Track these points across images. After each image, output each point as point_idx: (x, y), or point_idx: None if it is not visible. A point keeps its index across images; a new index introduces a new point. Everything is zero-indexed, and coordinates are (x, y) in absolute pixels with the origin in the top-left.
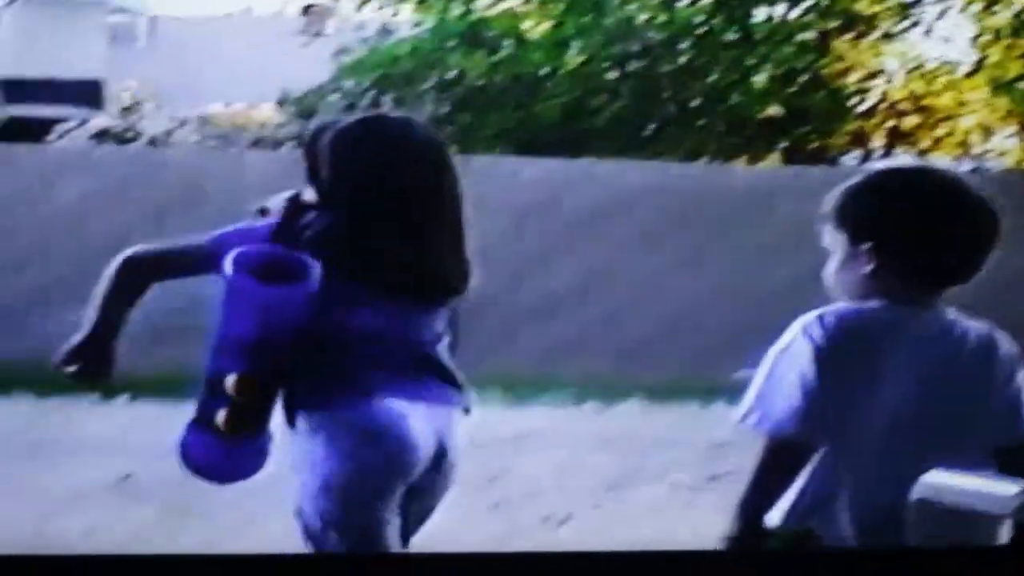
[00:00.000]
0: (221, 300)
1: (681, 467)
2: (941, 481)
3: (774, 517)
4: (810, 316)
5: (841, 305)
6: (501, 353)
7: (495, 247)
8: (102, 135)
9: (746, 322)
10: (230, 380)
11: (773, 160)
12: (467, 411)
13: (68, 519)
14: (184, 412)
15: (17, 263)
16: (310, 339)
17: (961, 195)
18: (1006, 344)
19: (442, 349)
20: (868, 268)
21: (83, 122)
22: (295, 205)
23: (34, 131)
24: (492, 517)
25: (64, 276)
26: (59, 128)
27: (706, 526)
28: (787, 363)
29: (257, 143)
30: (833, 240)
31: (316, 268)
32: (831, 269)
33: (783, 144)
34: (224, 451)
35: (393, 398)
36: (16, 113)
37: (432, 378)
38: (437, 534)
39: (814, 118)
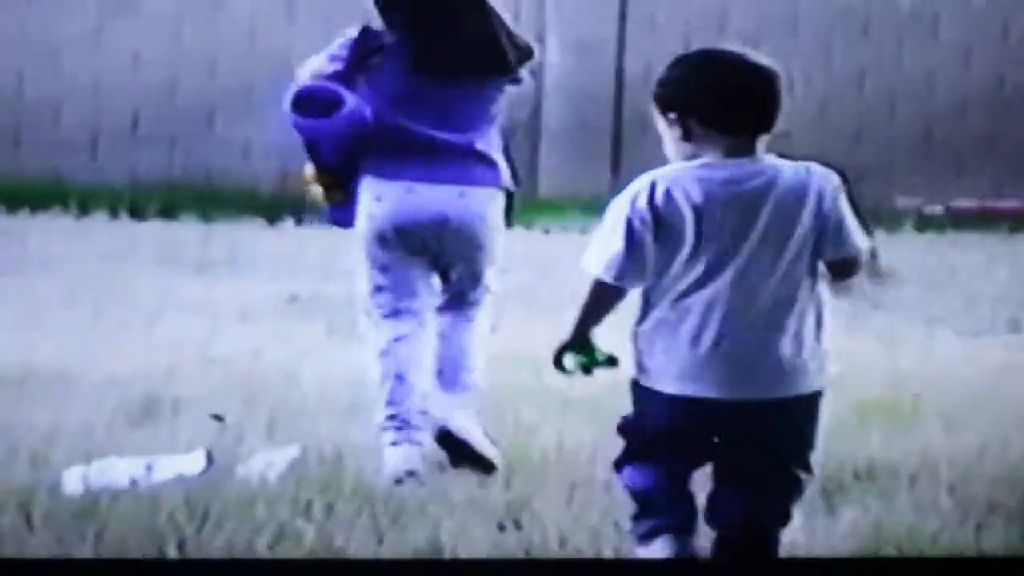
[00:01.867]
0: None
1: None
2: None
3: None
4: (639, 178)
5: (666, 167)
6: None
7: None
8: None
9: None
10: (307, 172)
11: None
12: (502, 188)
13: (237, 336)
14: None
15: (185, 82)
16: (373, 135)
17: (740, 66)
18: (820, 178)
19: (488, 135)
20: (679, 133)
21: None
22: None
23: None
24: None
25: (231, 95)
26: None
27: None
28: (611, 217)
29: None
30: (656, 121)
31: (348, 101)
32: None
33: None
34: (336, 208)
35: (411, 177)
36: None
37: (460, 162)
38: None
39: None
